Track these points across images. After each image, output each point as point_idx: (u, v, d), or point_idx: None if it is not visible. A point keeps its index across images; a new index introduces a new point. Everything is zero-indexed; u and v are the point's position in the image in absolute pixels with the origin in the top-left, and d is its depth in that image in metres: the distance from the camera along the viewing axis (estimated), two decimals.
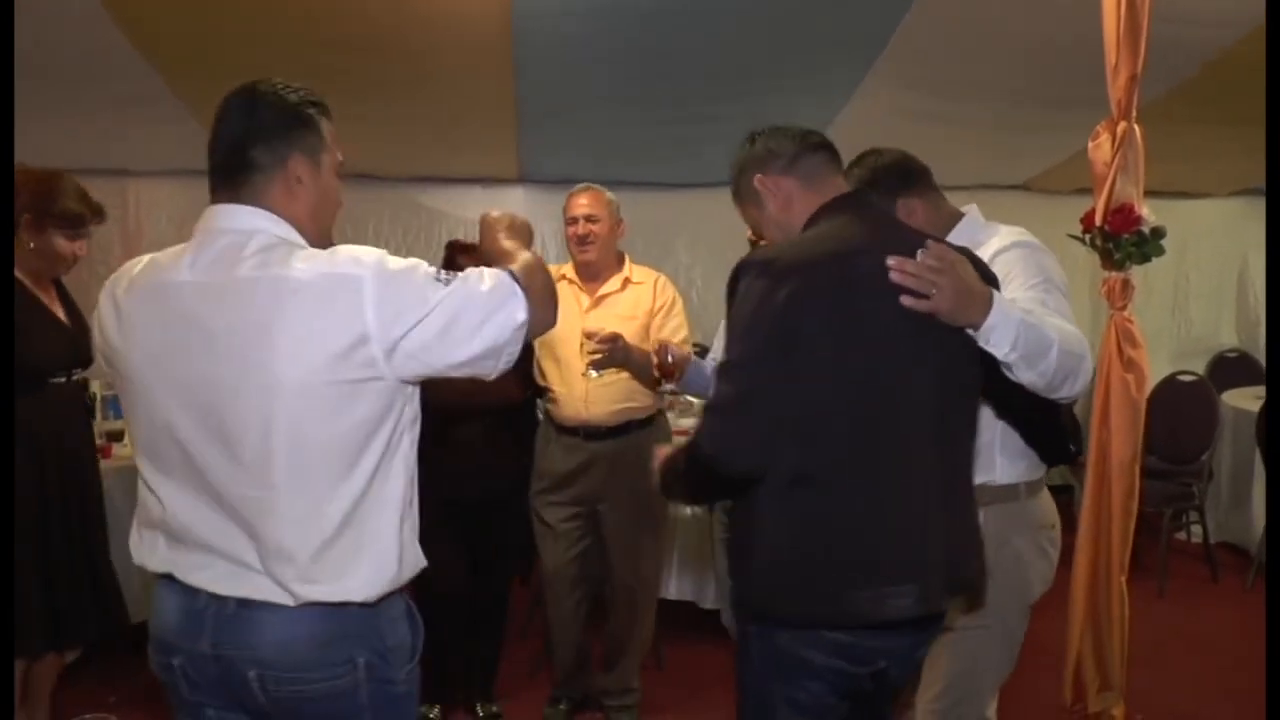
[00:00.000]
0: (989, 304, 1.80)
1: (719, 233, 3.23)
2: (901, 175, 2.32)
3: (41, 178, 2.91)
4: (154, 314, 1.67)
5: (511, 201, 6.06)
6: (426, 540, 3.08)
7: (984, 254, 2.16)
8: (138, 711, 3.48)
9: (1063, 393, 1.92)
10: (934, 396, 1.82)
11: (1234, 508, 5.39)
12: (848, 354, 1.75)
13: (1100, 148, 2.79)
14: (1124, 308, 2.84)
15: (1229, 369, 6.54)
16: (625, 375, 3.33)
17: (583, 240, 3.44)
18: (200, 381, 1.62)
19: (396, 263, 1.64)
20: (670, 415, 4.00)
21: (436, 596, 3.46)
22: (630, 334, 3.22)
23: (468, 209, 6.12)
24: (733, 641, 3.21)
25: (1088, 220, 2.84)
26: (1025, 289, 2.11)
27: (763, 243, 2.88)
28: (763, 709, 1.90)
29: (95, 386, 4.46)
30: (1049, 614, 2.90)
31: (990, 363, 1.88)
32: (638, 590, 3.61)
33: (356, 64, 4.22)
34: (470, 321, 1.64)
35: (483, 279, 1.67)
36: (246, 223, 1.67)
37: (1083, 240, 2.87)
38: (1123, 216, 2.75)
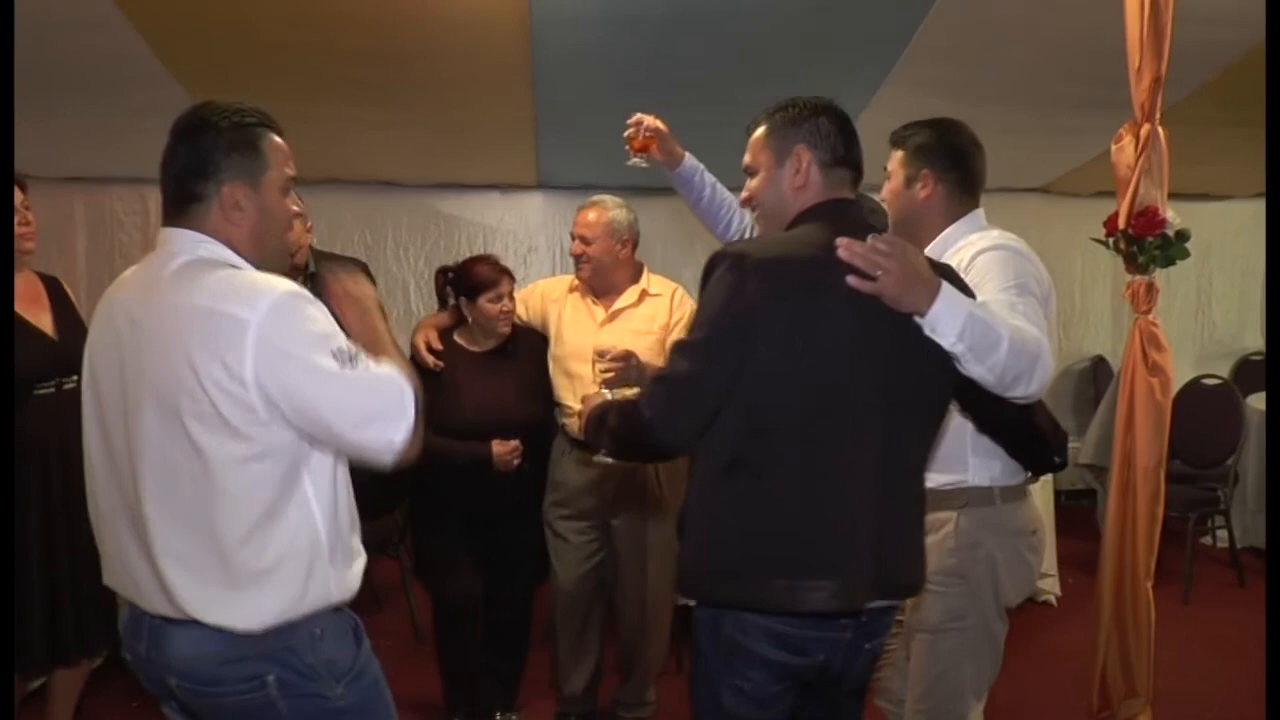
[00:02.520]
0: (935, 292, 1.82)
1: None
2: (932, 150, 2.35)
3: None
4: (99, 330, 1.79)
5: (530, 207, 6.07)
6: (446, 553, 3.14)
7: (967, 252, 2.24)
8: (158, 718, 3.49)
9: (1016, 392, 1.92)
10: (885, 404, 1.85)
11: (1260, 512, 5.33)
12: (801, 355, 1.80)
13: (1124, 150, 2.77)
14: (1149, 311, 2.82)
15: (1254, 372, 6.48)
16: (635, 391, 3.29)
17: (577, 259, 3.44)
18: (107, 396, 1.73)
19: (296, 318, 1.65)
20: None
21: (456, 609, 3.48)
22: (645, 349, 3.14)
23: (486, 216, 6.13)
24: None
25: (1111, 223, 2.82)
26: (997, 291, 2.13)
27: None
28: (712, 697, 1.95)
29: None
30: (1075, 621, 2.88)
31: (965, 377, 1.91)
32: (649, 605, 3.58)
33: (375, 73, 4.23)
34: (350, 417, 1.66)
35: (383, 379, 1.69)
36: (177, 243, 1.74)
37: (1106, 244, 2.85)
38: (1147, 219, 2.73)
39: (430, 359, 3.33)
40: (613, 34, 4.01)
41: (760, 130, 2.03)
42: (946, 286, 1.84)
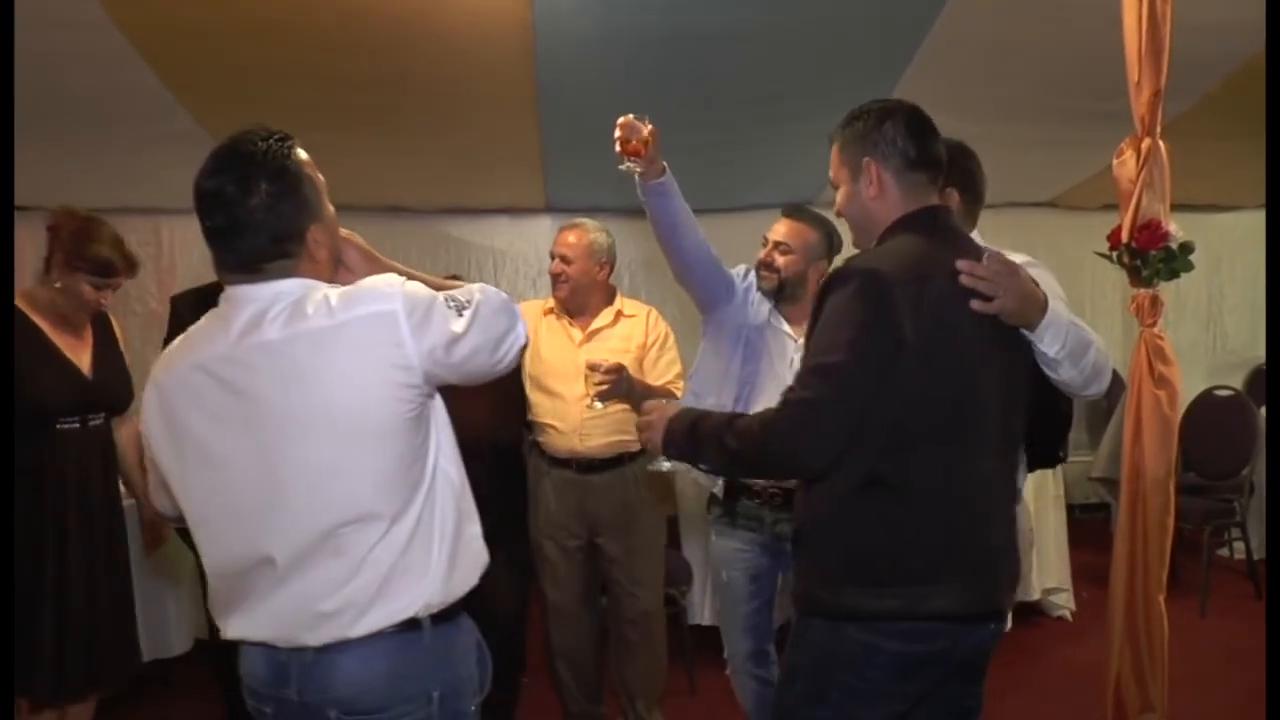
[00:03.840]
0: (1045, 306, 1.94)
1: (742, 257, 3.25)
2: (953, 165, 2.33)
3: (82, 221, 2.94)
4: (193, 392, 1.68)
5: (538, 231, 6.10)
6: None
7: None
8: None
9: (1092, 389, 2.06)
10: (1001, 411, 1.95)
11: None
12: (937, 372, 1.86)
13: (1125, 165, 2.78)
14: (1154, 324, 2.82)
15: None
16: (621, 407, 3.32)
17: (555, 277, 3.51)
18: (232, 457, 1.66)
19: (416, 293, 1.68)
20: None
21: None
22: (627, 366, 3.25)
23: (496, 239, 6.17)
24: None
25: (1114, 237, 2.82)
26: (1053, 300, 2.15)
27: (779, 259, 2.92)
28: (818, 695, 1.95)
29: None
30: (1089, 635, 2.87)
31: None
32: (642, 622, 3.60)
33: (383, 99, 4.27)
34: (490, 345, 1.74)
35: (489, 303, 1.75)
36: (269, 291, 1.66)
37: (1110, 258, 2.86)
38: (1150, 233, 2.74)
39: None
40: (617, 56, 4.04)
41: (835, 145, 2.07)
42: (1050, 299, 1.96)
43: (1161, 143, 2.74)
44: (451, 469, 1.78)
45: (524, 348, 1.82)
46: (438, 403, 1.77)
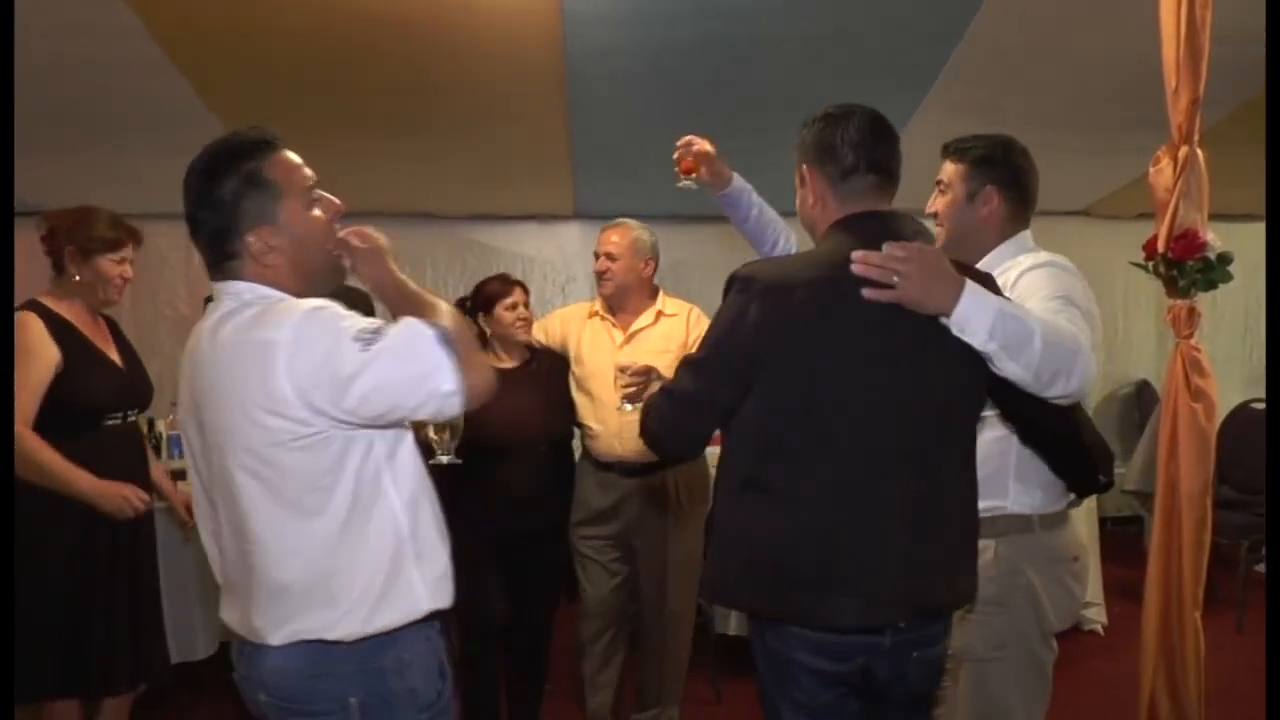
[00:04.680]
0: (960, 290, 1.79)
1: None
2: (996, 165, 2.33)
3: (75, 212, 3.01)
4: (181, 386, 1.81)
5: (566, 237, 6.10)
6: (471, 576, 3.08)
7: (1015, 270, 2.22)
8: None
9: (1055, 390, 1.87)
10: (911, 419, 1.85)
11: None
12: (813, 378, 1.81)
13: (1162, 173, 2.74)
14: (1190, 336, 2.77)
15: None
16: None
17: (600, 276, 3.51)
18: (194, 445, 1.77)
19: (320, 325, 1.63)
20: None
21: (479, 632, 3.50)
22: (663, 368, 3.18)
23: (524, 246, 6.17)
24: None
25: (1150, 247, 2.78)
26: (1043, 301, 2.10)
27: None
28: (774, 712, 1.96)
29: (161, 425, 4.56)
30: (1122, 650, 2.83)
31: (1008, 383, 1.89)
32: (668, 626, 3.59)
33: (411, 106, 4.29)
34: (394, 390, 1.62)
35: (406, 342, 1.63)
36: (224, 295, 1.76)
37: (1145, 268, 2.81)
38: (1187, 243, 2.69)
39: None
40: (646, 63, 4.04)
41: (796, 153, 2.05)
42: (971, 284, 1.82)
43: (1199, 150, 2.70)
44: (400, 512, 1.74)
45: (459, 388, 1.65)
46: (382, 445, 1.73)
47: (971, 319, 1.79)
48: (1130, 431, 6.06)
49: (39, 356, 2.85)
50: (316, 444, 1.64)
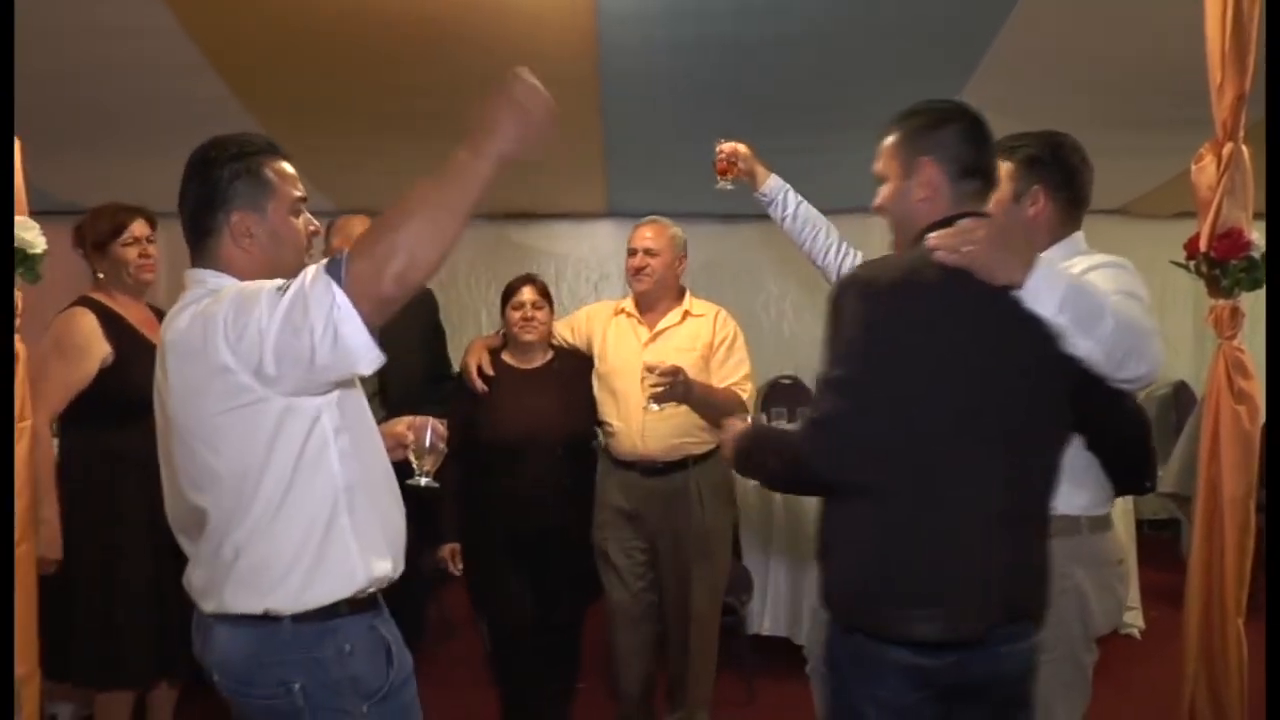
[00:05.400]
0: (1031, 262, 1.80)
1: (808, 263, 3.22)
2: (1045, 165, 2.28)
3: (87, 213, 3.15)
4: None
5: (600, 235, 6.12)
6: (495, 577, 3.14)
7: (1073, 270, 2.14)
8: None
9: (1128, 372, 1.86)
10: (1011, 428, 1.85)
11: None
12: (930, 382, 1.80)
13: (1204, 170, 2.69)
14: (1233, 336, 2.72)
15: None
16: (684, 409, 3.32)
17: (639, 271, 3.48)
18: (163, 417, 1.84)
19: (254, 287, 1.67)
20: None
21: (508, 632, 3.50)
22: (688, 366, 3.23)
23: (557, 244, 6.19)
24: None
25: (1192, 246, 2.73)
26: (1054, 264, 2.07)
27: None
28: (850, 711, 1.93)
29: None
30: (1159, 654, 2.79)
31: (1089, 383, 1.88)
32: (693, 627, 3.57)
33: (446, 106, 4.26)
34: (302, 321, 1.54)
35: (306, 276, 1.57)
36: (193, 282, 1.83)
37: (1186, 267, 2.77)
38: (1230, 241, 2.64)
39: (479, 383, 3.43)
40: (680, 60, 4.02)
41: (890, 138, 2.00)
42: (1044, 259, 1.82)
43: (1244, 147, 2.65)
44: (340, 488, 1.76)
45: (330, 302, 1.52)
46: (329, 419, 1.74)
47: (1042, 290, 1.80)
48: (1166, 434, 5.98)
49: (86, 353, 2.93)
50: (255, 409, 1.67)
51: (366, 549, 1.80)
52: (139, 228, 3.11)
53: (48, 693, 3.53)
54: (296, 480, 1.72)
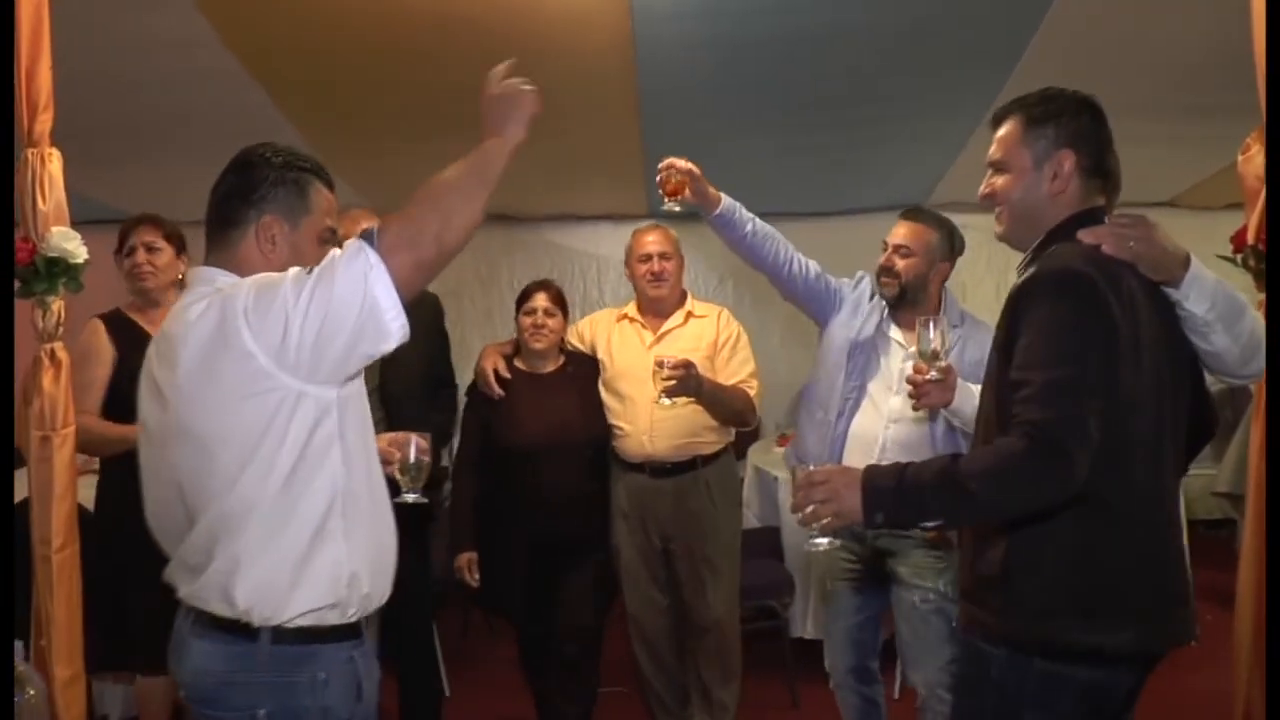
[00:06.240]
0: (1187, 260, 1.79)
1: (851, 261, 3.20)
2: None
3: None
4: (144, 375, 1.85)
5: None
6: (511, 581, 3.07)
7: None
8: None
9: (1253, 367, 1.89)
10: (1175, 418, 1.84)
11: None
12: (1142, 374, 1.76)
13: (1252, 160, 2.61)
14: None
15: None
16: (691, 409, 3.34)
17: (658, 277, 3.50)
18: (154, 420, 1.78)
19: (271, 275, 1.68)
20: None
21: (529, 634, 3.51)
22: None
23: (599, 246, 6.18)
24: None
25: (1239, 238, 2.66)
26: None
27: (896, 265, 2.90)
28: None
29: None
30: (1214, 660, 2.72)
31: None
32: (713, 630, 3.55)
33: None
34: (333, 294, 1.59)
35: (335, 254, 1.63)
36: (200, 281, 1.80)
37: (1234, 261, 2.69)
38: None
39: (495, 388, 3.45)
40: (718, 60, 4.00)
41: (1014, 123, 1.93)
42: (1193, 256, 1.82)
43: None
44: (339, 493, 1.74)
45: (375, 273, 1.58)
46: (338, 417, 1.73)
47: (1196, 287, 1.79)
48: (1222, 432, 5.85)
49: (94, 355, 3.04)
50: (268, 398, 1.65)
51: (356, 559, 1.77)
52: (140, 234, 3.15)
53: (99, 694, 3.61)
54: (298, 475, 1.70)
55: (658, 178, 2.93)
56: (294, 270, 1.66)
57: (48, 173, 2.46)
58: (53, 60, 2.44)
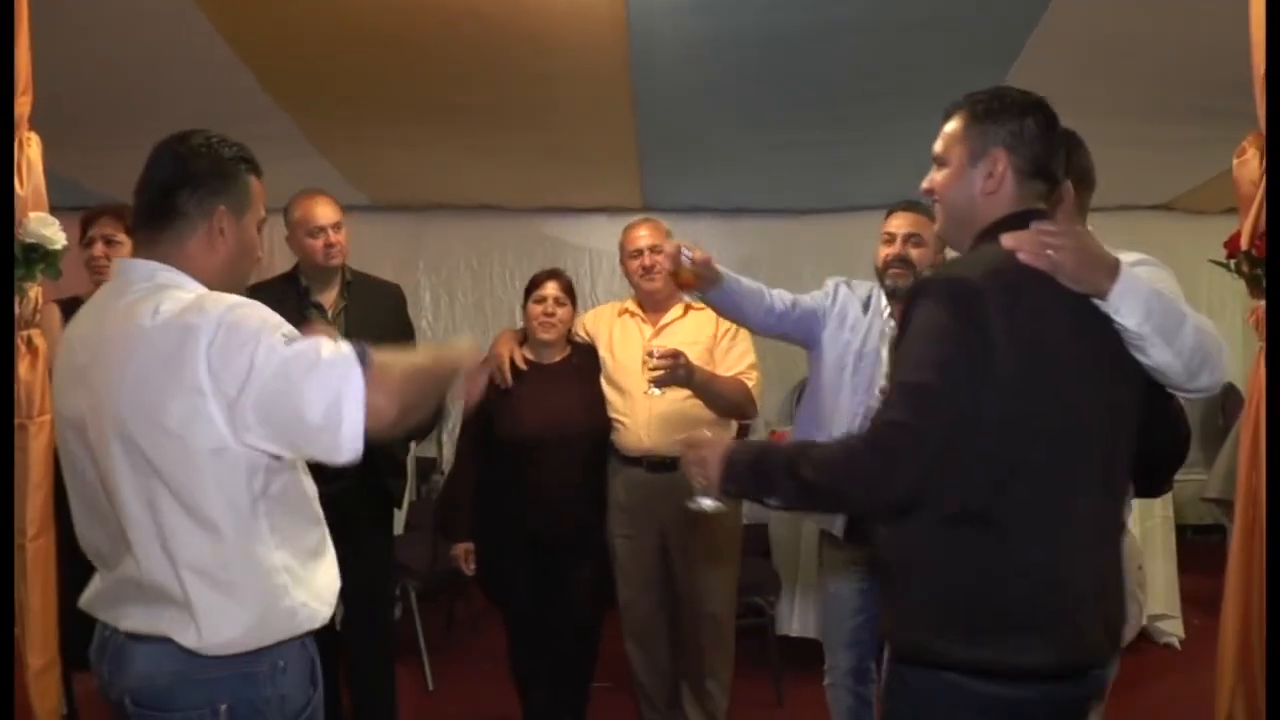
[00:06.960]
0: (1116, 271, 1.71)
1: (847, 258, 3.18)
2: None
3: None
4: (60, 367, 1.81)
5: None
6: (509, 574, 3.07)
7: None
8: None
9: (1201, 380, 1.78)
10: (1104, 439, 1.76)
11: None
12: (1032, 393, 1.69)
13: (1247, 165, 2.58)
14: None
15: None
16: (689, 403, 3.32)
17: (649, 270, 3.48)
18: (74, 431, 1.72)
19: (243, 315, 1.61)
20: None
21: (521, 628, 3.49)
22: (694, 359, 3.24)
23: (592, 239, 6.16)
24: None
25: (1233, 244, 2.63)
26: (1133, 268, 1.99)
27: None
28: None
29: None
30: (1199, 665, 2.70)
31: (1150, 389, 1.81)
32: (706, 629, 3.54)
33: (479, 100, 4.27)
34: (304, 385, 1.55)
35: (323, 347, 1.59)
36: (134, 274, 1.74)
37: (1227, 266, 2.67)
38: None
39: (508, 376, 3.43)
40: (714, 55, 3.97)
41: (958, 120, 1.89)
42: (1125, 266, 1.73)
43: None
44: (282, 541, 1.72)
45: (357, 401, 1.55)
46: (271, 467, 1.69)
47: (1127, 299, 1.70)
48: (1213, 438, 5.84)
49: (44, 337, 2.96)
50: (209, 431, 1.61)
51: (308, 588, 1.77)
52: (101, 226, 3.12)
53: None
54: (244, 522, 1.67)
55: (669, 269, 2.88)
56: (270, 320, 1.62)
57: (25, 158, 2.42)
58: (31, 40, 2.39)
